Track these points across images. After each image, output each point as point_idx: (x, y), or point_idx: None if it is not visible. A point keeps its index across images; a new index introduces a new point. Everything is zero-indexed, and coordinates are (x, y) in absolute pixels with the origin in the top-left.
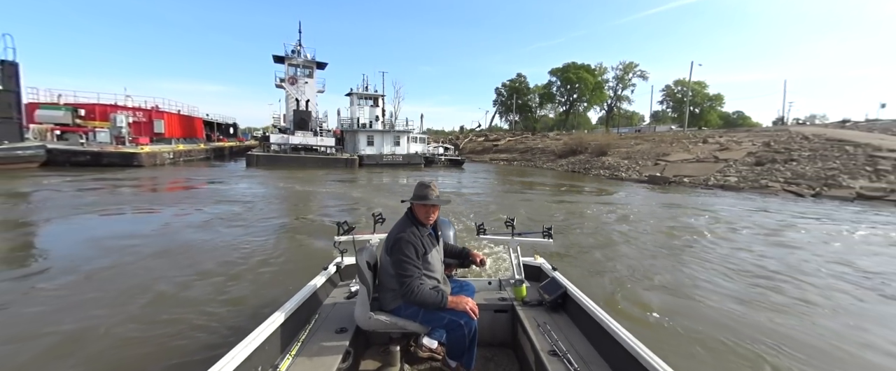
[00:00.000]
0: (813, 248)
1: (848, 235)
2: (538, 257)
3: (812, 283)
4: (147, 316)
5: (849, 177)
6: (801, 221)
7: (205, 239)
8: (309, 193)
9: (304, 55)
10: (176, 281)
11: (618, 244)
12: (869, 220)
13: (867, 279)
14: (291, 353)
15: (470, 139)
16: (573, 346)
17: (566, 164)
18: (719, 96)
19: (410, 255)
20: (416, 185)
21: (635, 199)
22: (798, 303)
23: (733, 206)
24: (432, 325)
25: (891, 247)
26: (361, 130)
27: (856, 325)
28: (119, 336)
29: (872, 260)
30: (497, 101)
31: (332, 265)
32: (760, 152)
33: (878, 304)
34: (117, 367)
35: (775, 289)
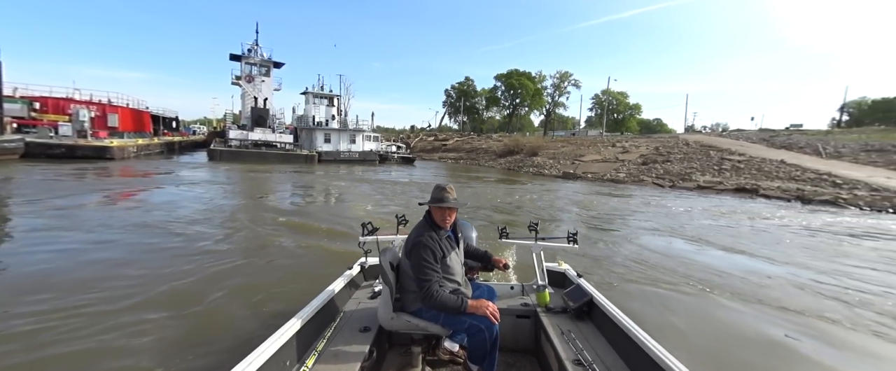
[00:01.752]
0: (639, 215)
1: (671, 207)
2: (562, 263)
3: (631, 230)
4: (182, 302)
5: (700, 173)
6: (644, 203)
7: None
8: (295, 181)
9: (260, 54)
10: (223, 264)
11: (518, 208)
12: (688, 203)
13: (672, 229)
14: (317, 350)
15: (421, 138)
16: (599, 357)
17: (505, 163)
18: (638, 105)
19: (428, 259)
20: (434, 188)
21: (542, 188)
22: (616, 234)
23: (597, 193)
24: (453, 327)
25: (686, 213)
26: (319, 128)
27: (665, 249)
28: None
29: (679, 220)
30: (446, 102)
31: (357, 265)
32: (650, 154)
33: (676, 241)
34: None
35: (600, 228)
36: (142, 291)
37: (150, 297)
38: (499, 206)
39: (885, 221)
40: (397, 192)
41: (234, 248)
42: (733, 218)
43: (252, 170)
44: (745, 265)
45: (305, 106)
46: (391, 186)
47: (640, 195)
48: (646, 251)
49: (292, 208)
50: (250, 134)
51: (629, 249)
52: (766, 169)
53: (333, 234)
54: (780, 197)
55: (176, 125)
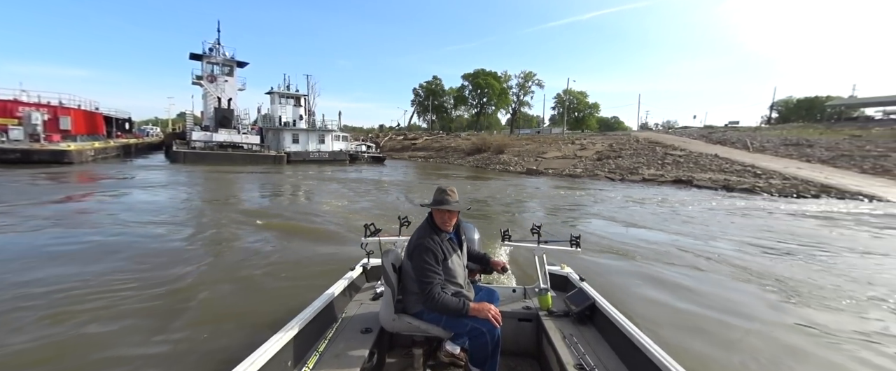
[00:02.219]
0: (591, 204)
1: (615, 197)
2: (565, 267)
3: (582, 215)
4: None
5: (646, 167)
6: (595, 194)
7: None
8: (267, 182)
9: (223, 54)
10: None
11: (486, 201)
12: (631, 193)
13: (614, 214)
14: (318, 351)
15: (390, 138)
16: (601, 361)
17: (473, 161)
18: (596, 104)
19: (430, 262)
20: (436, 190)
21: (507, 184)
22: (567, 214)
23: (553, 186)
24: (455, 330)
25: (627, 201)
26: (286, 128)
27: (606, 228)
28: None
29: (621, 207)
30: (415, 101)
31: (359, 266)
32: (604, 151)
33: (616, 224)
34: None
35: (559, 210)
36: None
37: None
38: (468, 201)
39: (791, 205)
40: (371, 190)
41: (223, 248)
42: (665, 204)
43: (220, 172)
44: (663, 238)
45: (271, 106)
46: (365, 185)
47: (594, 188)
48: (592, 229)
49: (274, 210)
50: (215, 135)
51: (582, 229)
52: (702, 162)
53: (321, 234)
54: (709, 186)
55: (129, 127)
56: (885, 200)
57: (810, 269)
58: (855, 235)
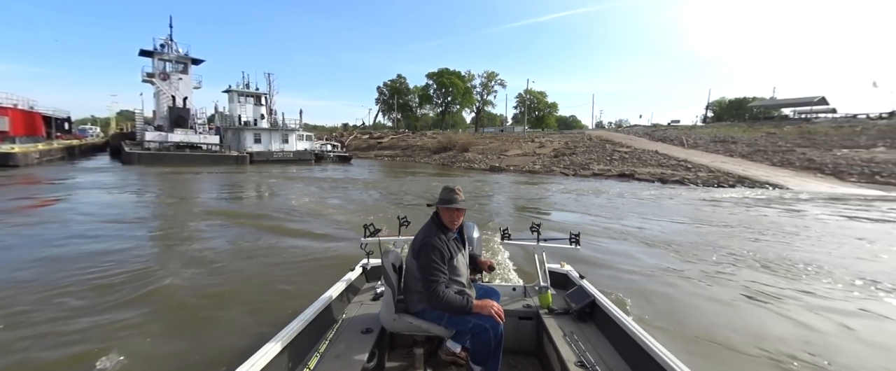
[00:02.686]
0: (546, 197)
1: (565, 189)
2: (565, 265)
3: (537, 204)
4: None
5: (596, 163)
6: (549, 187)
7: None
8: (235, 183)
9: (176, 50)
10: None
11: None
12: (581, 185)
13: (564, 203)
14: (319, 351)
15: (354, 137)
16: (602, 358)
17: (439, 159)
18: (555, 104)
19: (437, 260)
20: (442, 189)
21: (471, 180)
22: (540, 205)
23: (513, 182)
24: (457, 328)
25: (577, 193)
26: (248, 128)
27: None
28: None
29: (570, 197)
30: (379, 99)
31: (359, 266)
32: (560, 148)
33: (567, 213)
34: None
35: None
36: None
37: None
38: (435, 196)
39: (713, 194)
40: (342, 187)
41: (208, 249)
42: (603, 195)
43: (180, 173)
44: (591, 220)
45: (229, 104)
46: (337, 184)
47: (550, 182)
48: (551, 217)
49: (252, 210)
50: (170, 135)
51: (541, 217)
52: (644, 158)
53: (305, 233)
54: (647, 179)
55: (68, 127)
56: (785, 188)
57: (693, 236)
58: (759, 216)
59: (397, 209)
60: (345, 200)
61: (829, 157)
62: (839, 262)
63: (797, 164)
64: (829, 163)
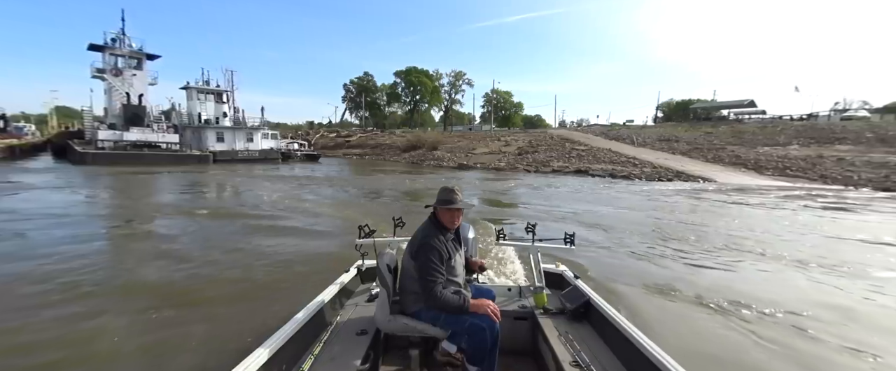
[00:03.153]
0: (511, 186)
1: (527, 182)
2: (560, 265)
3: (500, 197)
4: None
5: (556, 160)
6: (511, 182)
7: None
8: (205, 182)
9: (128, 45)
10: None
11: (419, 191)
12: (540, 181)
13: (525, 195)
14: (314, 354)
15: (322, 135)
16: (596, 358)
17: (409, 157)
18: (520, 104)
19: (435, 260)
20: (440, 189)
21: (441, 177)
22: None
23: (481, 178)
24: (453, 328)
25: (543, 185)
26: (210, 127)
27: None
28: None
29: (530, 190)
30: (346, 96)
31: (354, 268)
32: (524, 147)
33: (524, 205)
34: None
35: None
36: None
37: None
38: (408, 192)
39: (654, 186)
40: (315, 185)
41: (181, 248)
42: (564, 189)
43: (140, 173)
44: (557, 210)
45: (187, 102)
46: (309, 182)
47: (513, 178)
48: (515, 208)
49: (232, 209)
50: (126, 134)
51: (502, 205)
52: (599, 156)
53: (284, 229)
54: (600, 175)
55: (4, 125)
56: (714, 181)
57: (633, 218)
58: (687, 204)
59: (376, 206)
60: (321, 197)
61: (753, 153)
62: (734, 233)
63: (726, 160)
64: (752, 159)
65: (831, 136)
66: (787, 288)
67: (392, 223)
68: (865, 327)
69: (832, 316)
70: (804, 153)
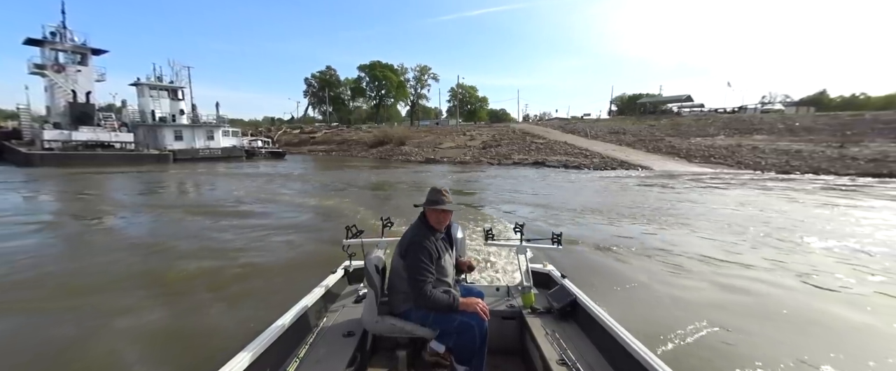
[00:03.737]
0: (474, 175)
1: (494, 174)
2: (547, 264)
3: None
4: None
5: (517, 153)
6: (477, 174)
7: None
8: (175, 180)
9: (70, 39)
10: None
11: (392, 183)
12: (502, 171)
13: (490, 183)
14: (298, 357)
15: (284, 131)
16: (582, 356)
17: (376, 153)
18: (485, 98)
19: (426, 260)
20: (429, 190)
21: (410, 171)
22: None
23: (448, 171)
24: (442, 327)
25: (505, 176)
26: (166, 125)
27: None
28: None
29: (495, 180)
30: (308, 91)
31: (341, 268)
32: (488, 141)
33: (494, 192)
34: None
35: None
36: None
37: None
38: (380, 183)
39: (600, 173)
40: (288, 181)
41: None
42: (521, 178)
43: (96, 174)
44: (516, 196)
45: (139, 99)
46: (282, 178)
47: (477, 170)
48: (475, 188)
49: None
50: (75, 133)
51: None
52: (556, 148)
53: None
54: (555, 165)
55: None
56: (651, 169)
57: (577, 199)
58: (625, 187)
59: (354, 197)
60: (295, 192)
61: (686, 144)
62: (653, 206)
63: (664, 150)
64: (684, 148)
65: (751, 127)
66: (679, 239)
67: (379, 223)
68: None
69: (708, 261)
70: (727, 143)
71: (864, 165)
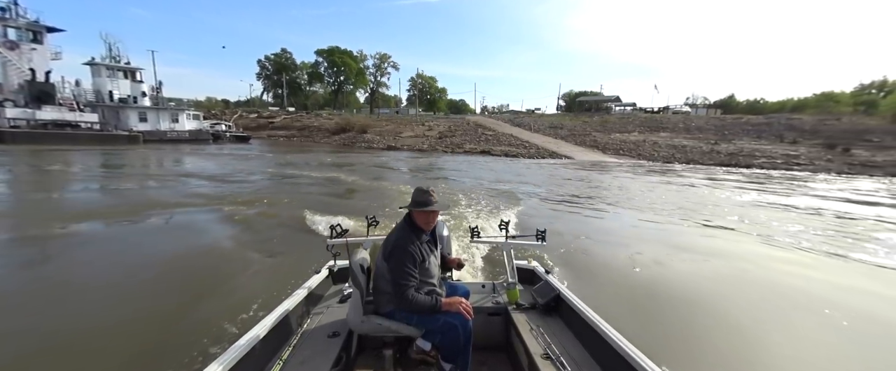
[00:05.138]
0: (432, 166)
1: (448, 160)
2: (532, 260)
3: (427, 170)
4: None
5: (469, 143)
6: (433, 160)
7: None
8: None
9: (22, 15)
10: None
11: (365, 164)
12: (454, 158)
13: (441, 167)
14: (282, 358)
15: (240, 115)
16: (566, 350)
17: (339, 139)
18: (444, 89)
19: (409, 264)
20: (415, 191)
21: (375, 157)
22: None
23: (407, 157)
24: (427, 327)
25: (457, 162)
26: (131, 106)
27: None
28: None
29: (446, 165)
30: (261, 74)
31: (325, 268)
32: (444, 131)
33: (441, 173)
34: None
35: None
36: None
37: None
38: (351, 164)
39: (534, 161)
40: (261, 162)
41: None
42: (469, 164)
43: (71, 151)
44: (463, 177)
45: (95, 79)
46: (259, 159)
47: (433, 157)
48: (435, 170)
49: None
50: (39, 112)
51: (426, 172)
52: (502, 139)
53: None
54: (498, 154)
55: None
56: (574, 159)
57: (507, 178)
58: (552, 173)
59: (334, 174)
60: (285, 168)
61: (606, 139)
62: (562, 184)
63: (588, 143)
64: (603, 143)
65: (659, 125)
66: (562, 192)
67: (364, 222)
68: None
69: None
70: (637, 138)
71: (723, 157)
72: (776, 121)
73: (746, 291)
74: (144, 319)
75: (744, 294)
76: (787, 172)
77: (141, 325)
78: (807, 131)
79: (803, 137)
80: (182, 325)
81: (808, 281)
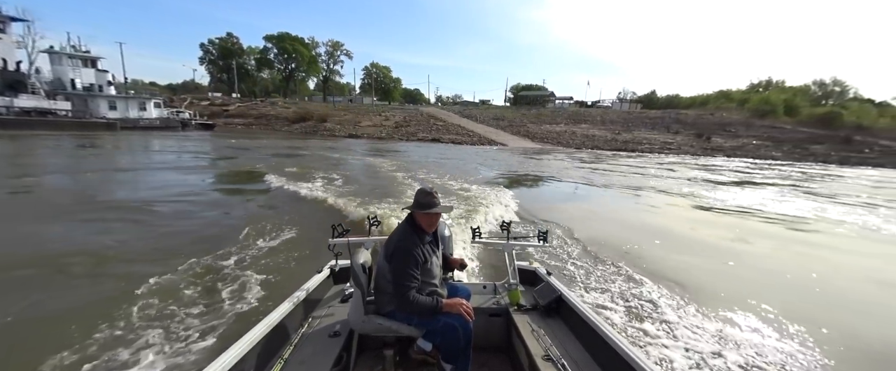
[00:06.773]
0: (397, 155)
1: (404, 147)
2: (533, 262)
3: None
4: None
5: (422, 132)
6: (391, 147)
7: None
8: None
9: None
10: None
11: (338, 148)
12: (408, 146)
13: (397, 153)
14: (283, 358)
15: (191, 102)
16: (567, 352)
17: (299, 128)
18: (399, 79)
19: (411, 266)
20: (418, 192)
21: (339, 144)
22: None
23: (369, 144)
24: (427, 328)
25: (411, 148)
26: (100, 95)
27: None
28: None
29: (401, 152)
30: (205, 59)
31: (327, 268)
32: (400, 121)
33: (396, 163)
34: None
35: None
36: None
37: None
38: (324, 146)
39: (476, 149)
40: (258, 153)
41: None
42: (422, 150)
43: (74, 137)
44: (416, 159)
45: (55, 67)
46: (238, 147)
47: (391, 144)
48: (395, 155)
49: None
50: (16, 100)
51: (389, 155)
52: (451, 129)
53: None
54: (446, 142)
55: None
56: (507, 145)
57: (449, 160)
58: (488, 156)
59: (319, 155)
60: (273, 149)
61: (537, 129)
62: (490, 164)
63: (522, 132)
64: (534, 132)
65: (582, 118)
66: (489, 169)
67: (366, 222)
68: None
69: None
70: (561, 129)
71: (619, 144)
72: (668, 115)
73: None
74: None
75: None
76: (660, 154)
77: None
78: (688, 124)
79: (684, 129)
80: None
81: (652, 212)
